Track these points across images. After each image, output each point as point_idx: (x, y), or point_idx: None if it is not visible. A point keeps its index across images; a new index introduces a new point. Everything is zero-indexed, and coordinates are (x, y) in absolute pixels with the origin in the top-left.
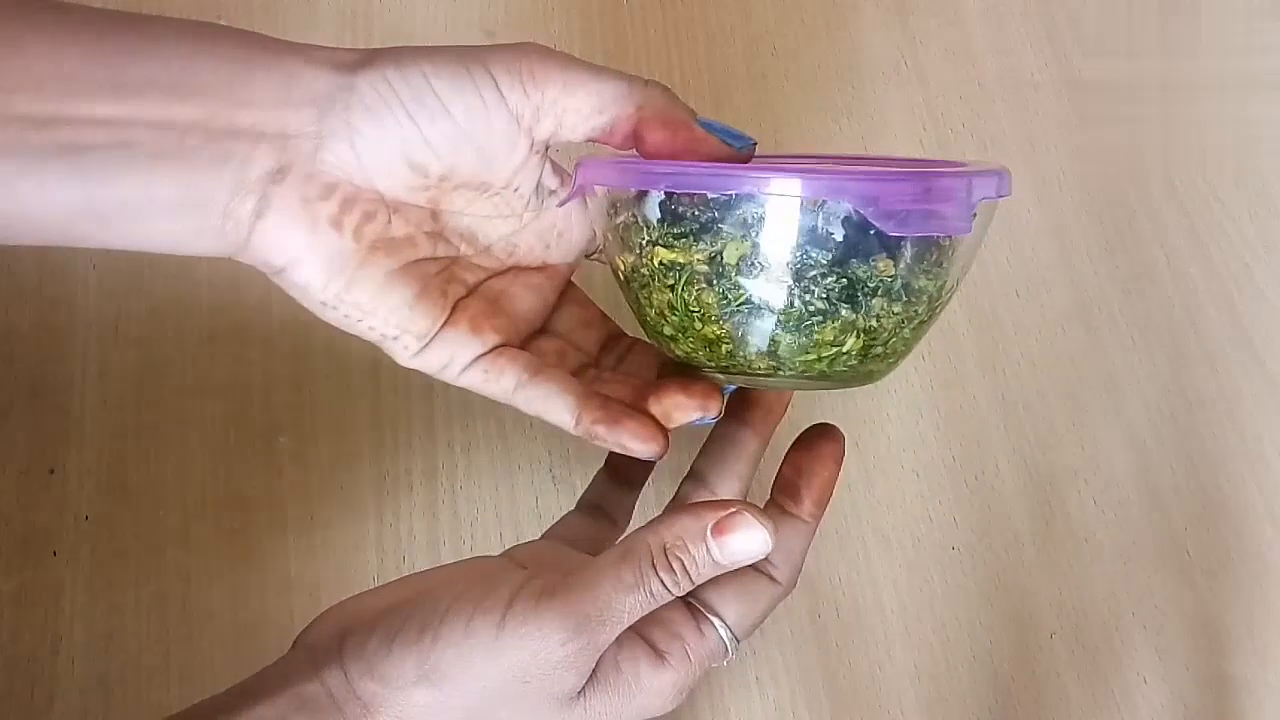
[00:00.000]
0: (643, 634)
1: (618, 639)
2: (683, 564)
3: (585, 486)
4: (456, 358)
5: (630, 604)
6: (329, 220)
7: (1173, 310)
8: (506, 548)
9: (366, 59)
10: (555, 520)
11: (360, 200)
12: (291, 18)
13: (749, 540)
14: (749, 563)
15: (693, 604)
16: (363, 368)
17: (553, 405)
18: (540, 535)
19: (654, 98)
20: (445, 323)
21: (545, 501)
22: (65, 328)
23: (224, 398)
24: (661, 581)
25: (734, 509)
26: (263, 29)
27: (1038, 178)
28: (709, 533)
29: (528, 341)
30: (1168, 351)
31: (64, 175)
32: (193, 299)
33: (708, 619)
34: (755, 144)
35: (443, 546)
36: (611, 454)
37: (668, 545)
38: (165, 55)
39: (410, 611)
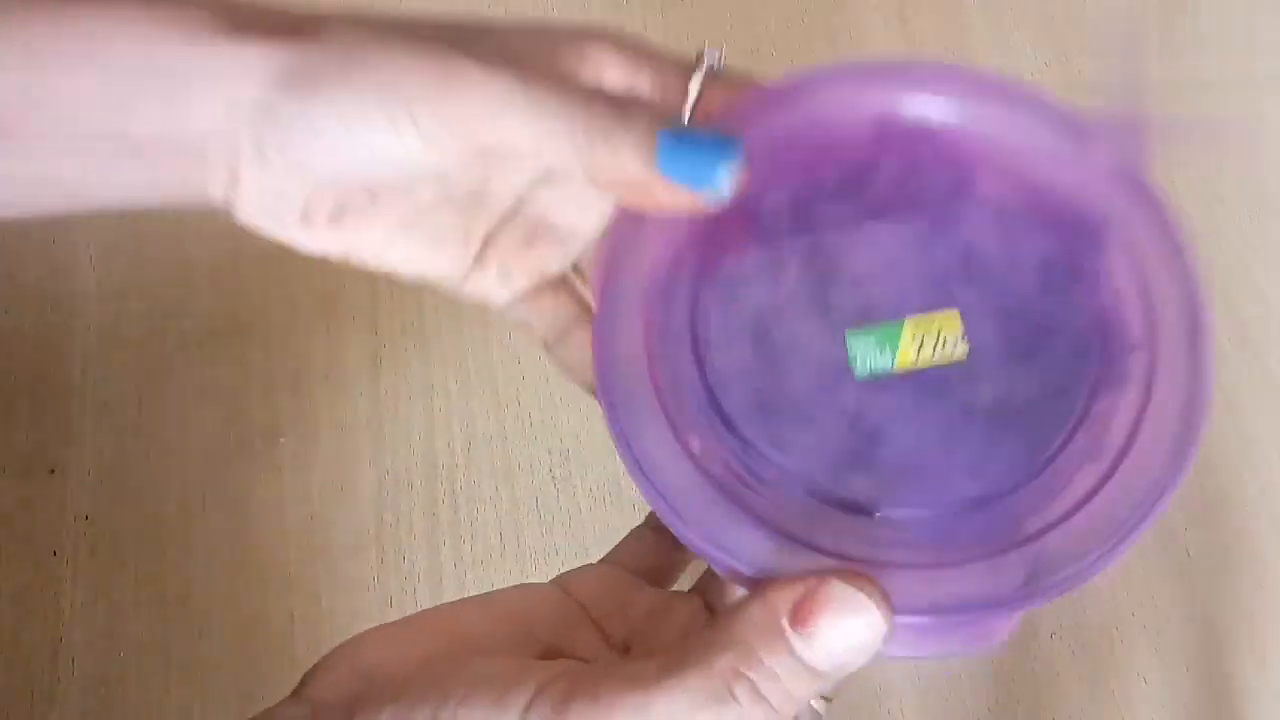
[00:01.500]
0: None
1: None
2: (754, 688)
3: (585, 487)
4: (491, 299)
5: None
6: (297, 219)
7: None
8: (508, 548)
9: (290, 73)
10: (563, 519)
11: (326, 197)
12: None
13: (851, 622)
14: (859, 662)
15: None
16: (363, 368)
17: (573, 375)
18: (601, 558)
19: (598, 157)
20: (473, 265)
21: (545, 501)
22: (65, 328)
23: (224, 398)
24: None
25: (814, 581)
26: None
27: None
28: (786, 628)
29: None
30: None
31: (37, 191)
32: (193, 299)
33: None
34: (733, 162)
35: (443, 546)
36: None
37: (733, 666)
38: (110, 61)
39: (427, 690)
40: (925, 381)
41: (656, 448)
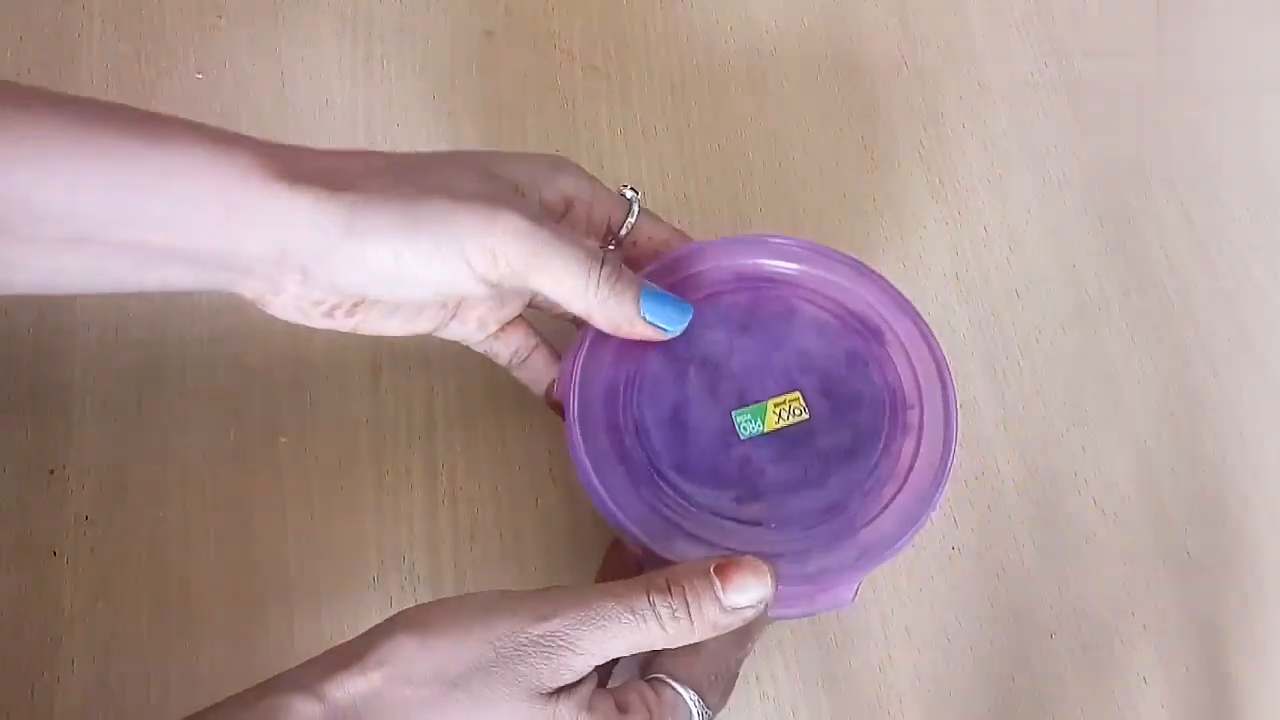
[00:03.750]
0: (609, 691)
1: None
2: (684, 592)
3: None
4: (468, 340)
5: (616, 612)
6: (321, 316)
7: (1173, 310)
8: (508, 548)
9: (348, 222)
10: (563, 520)
11: (348, 300)
12: (292, 18)
13: (752, 582)
14: (750, 612)
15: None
16: (363, 368)
17: (534, 386)
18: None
19: (603, 301)
20: (452, 319)
21: (545, 502)
22: (65, 328)
23: (224, 398)
24: (656, 610)
25: (734, 556)
26: (264, 29)
27: (1038, 178)
28: (712, 572)
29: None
30: (1168, 351)
31: (86, 279)
32: (193, 300)
33: (657, 678)
34: (690, 317)
35: (443, 546)
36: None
37: (670, 578)
38: (177, 192)
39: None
40: (785, 438)
41: (621, 493)
